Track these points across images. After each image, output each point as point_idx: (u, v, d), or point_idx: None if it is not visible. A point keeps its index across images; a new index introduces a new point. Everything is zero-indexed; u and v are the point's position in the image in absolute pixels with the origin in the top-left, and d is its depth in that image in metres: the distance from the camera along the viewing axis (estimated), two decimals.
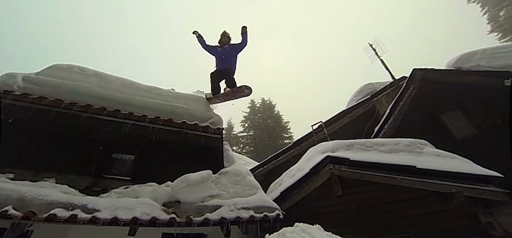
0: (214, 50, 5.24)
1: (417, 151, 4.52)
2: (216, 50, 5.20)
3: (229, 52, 5.10)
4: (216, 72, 5.20)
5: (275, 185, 5.24)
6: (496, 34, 20.00)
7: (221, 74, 5.15)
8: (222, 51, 5.13)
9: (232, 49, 5.12)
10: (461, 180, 3.79)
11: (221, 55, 5.13)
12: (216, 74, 5.19)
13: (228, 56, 5.09)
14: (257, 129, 28.17)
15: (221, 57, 5.11)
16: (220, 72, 5.16)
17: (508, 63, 6.97)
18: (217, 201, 3.80)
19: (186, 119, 4.70)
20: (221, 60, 5.11)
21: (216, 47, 5.23)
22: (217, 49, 5.20)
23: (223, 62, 5.10)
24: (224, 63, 5.09)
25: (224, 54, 5.10)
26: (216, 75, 5.20)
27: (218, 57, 5.18)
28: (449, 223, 3.74)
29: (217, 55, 5.21)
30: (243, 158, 13.05)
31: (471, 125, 7.03)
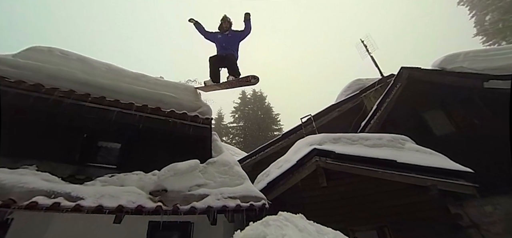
0: (214, 37, 4.85)
1: (398, 146, 4.73)
2: (216, 37, 4.81)
3: (230, 40, 4.70)
4: (217, 57, 4.77)
5: (262, 175, 5.35)
6: (481, 37, 20.80)
7: (222, 61, 4.72)
8: (223, 38, 4.73)
9: (234, 36, 4.72)
10: (436, 174, 4.04)
11: (221, 43, 4.73)
12: (216, 59, 4.75)
13: (229, 43, 4.69)
14: (247, 120, 28.23)
15: (222, 45, 4.71)
16: (221, 58, 4.73)
17: (489, 66, 7.32)
18: (204, 190, 3.85)
19: (174, 107, 4.65)
20: (222, 48, 4.73)
21: (216, 34, 4.83)
22: (217, 36, 4.81)
23: (224, 49, 4.74)
24: (226, 50, 4.72)
25: (225, 41, 4.70)
26: (216, 61, 4.75)
27: (219, 45, 4.79)
28: (423, 213, 4.01)
29: (217, 42, 4.83)
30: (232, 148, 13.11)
31: (451, 124, 7.38)
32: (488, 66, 7.33)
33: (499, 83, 6.84)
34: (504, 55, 7.58)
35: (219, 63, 4.76)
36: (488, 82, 6.98)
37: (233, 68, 4.62)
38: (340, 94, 11.35)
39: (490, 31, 20.03)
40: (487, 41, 20.32)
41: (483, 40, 20.64)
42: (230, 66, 4.64)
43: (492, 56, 7.69)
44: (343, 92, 11.16)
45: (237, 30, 4.73)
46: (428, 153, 4.61)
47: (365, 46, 14.17)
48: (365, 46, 14.17)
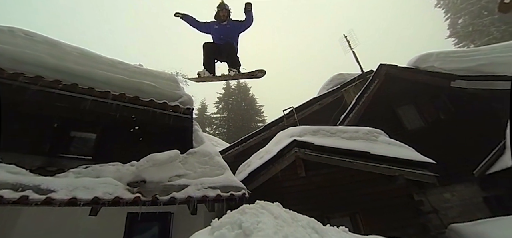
0: (208, 28, 4.20)
1: (372, 139, 5.04)
2: (212, 28, 4.16)
3: (229, 31, 4.09)
4: (213, 46, 4.13)
5: (244, 166, 5.43)
6: (453, 39, 22.26)
7: (219, 51, 4.11)
8: (220, 29, 4.11)
9: (233, 28, 4.12)
10: (404, 165, 4.39)
11: (218, 34, 4.12)
12: (212, 48, 4.10)
13: (228, 35, 4.10)
14: (231, 111, 28.07)
15: (219, 37, 4.10)
16: (218, 48, 4.10)
17: (456, 67, 7.94)
18: (184, 180, 3.85)
19: (154, 97, 4.51)
20: (219, 39, 4.13)
21: (212, 24, 4.19)
22: (212, 26, 4.16)
23: (219, 40, 4.15)
24: (224, 41, 4.14)
25: (222, 32, 4.09)
26: (211, 50, 4.09)
27: (215, 37, 4.17)
28: (391, 200, 4.37)
29: (213, 33, 4.19)
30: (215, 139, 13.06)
31: (421, 118, 7.96)
32: (456, 67, 7.96)
33: (463, 83, 7.50)
34: (471, 57, 8.25)
35: (216, 53, 4.10)
36: (454, 81, 7.61)
37: (234, 60, 4.04)
38: (322, 87, 11.68)
39: (461, 34, 21.51)
40: (458, 43, 21.82)
41: (455, 42, 22.14)
42: (230, 58, 4.05)
43: (460, 57, 8.34)
44: (325, 86, 11.50)
45: (237, 21, 4.17)
46: (398, 146, 4.96)
47: (348, 42, 14.55)
48: (348, 42, 14.55)
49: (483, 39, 19.14)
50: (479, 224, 4.03)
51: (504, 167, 4.77)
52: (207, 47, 4.08)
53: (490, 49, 9.00)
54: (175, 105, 4.54)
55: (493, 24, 18.84)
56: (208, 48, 4.08)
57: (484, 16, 19.53)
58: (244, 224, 1.69)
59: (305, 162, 4.66)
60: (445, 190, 6.00)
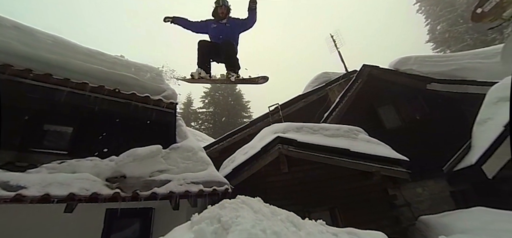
0: (205, 27, 3.78)
1: (353, 137, 5.25)
2: (209, 27, 3.74)
3: (228, 31, 3.70)
4: (209, 45, 3.73)
5: (228, 161, 5.46)
6: (432, 44, 23.56)
7: (216, 51, 3.71)
8: (219, 28, 3.70)
9: (234, 27, 3.72)
10: (380, 162, 4.65)
11: (217, 34, 3.71)
12: (208, 47, 3.70)
13: (227, 35, 3.70)
14: (217, 106, 27.81)
15: (218, 37, 3.71)
16: (215, 48, 3.70)
17: (432, 71, 8.47)
18: (166, 175, 3.80)
19: (136, 90, 4.38)
20: (218, 39, 3.73)
21: (209, 22, 3.76)
22: (210, 25, 3.74)
23: (218, 41, 3.75)
24: (222, 40, 3.73)
25: (221, 32, 3.69)
26: (208, 49, 3.69)
27: (214, 37, 3.76)
28: (368, 195, 4.62)
29: (211, 33, 3.77)
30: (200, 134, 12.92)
31: (399, 118, 8.40)
32: (432, 71, 8.50)
33: (438, 86, 8.04)
34: (445, 62, 8.83)
35: (212, 53, 3.71)
36: (430, 84, 8.14)
37: (233, 62, 3.63)
38: (307, 85, 11.91)
39: (439, 40, 22.79)
40: (436, 48, 23.13)
41: (433, 47, 23.44)
42: (229, 60, 3.64)
43: (435, 62, 8.90)
44: (311, 84, 11.74)
45: (238, 19, 3.76)
46: (376, 144, 5.22)
47: (334, 41, 14.91)
48: (334, 41, 14.91)
49: (458, 45, 20.41)
50: (445, 215, 4.38)
51: (469, 164, 5.18)
52: (203, 46, 3.64)
53: (462, 55, 9.69)
54: (158, 99, 4.44)
55: (467, 32, 20.11)
56: (205, 47, 3.66)
57: (460, 24, 20.79)
58: (223, 218, 1.72)
59: (288, 158, 4.77)
60: (418, 185, 6.42)
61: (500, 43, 11.74)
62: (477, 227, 3.52)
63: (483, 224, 3.54)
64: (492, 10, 5.97)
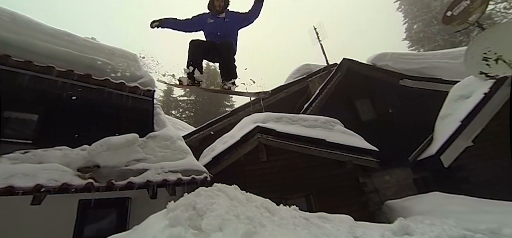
0: (200, 23, 3.22)
1: (329, 128, 5.51)
2: (205, 22, 3.18)
3: (227, 26, 3.16)
4: (204, 44, 3.21)
5: (208, 150, 5.47)
6: (407, 42, 24.84)
7: (212, 51, 3.19)
8: (217, 24, 3.15)
9: (233, 22, 3.17)
10: (352, 152, 4.96)
11: (214, 30, 3.17)
12: (202, 46, 3.18)
13: (225, 31, 3.16)
14: (199, 94, 27.19)
15: (215, 33, 3.17)
16: (211, 47, 3.17)
17: (405, 68, 9.01)
18: (143, 164, 3.74)
19: (109, 76, 4.15)
20: (215, 36, 3.19)
21: (204, 17, 3.19)
22: (205, 20, 3.18)
23: (216, 38, 3.21)
24: (218, 39, 3.19)
25: (219, 28, 3.15)
26: (202, 49, 3.17)
27: (210, 34, 3.22)
28: (340, 182, 4.93)
29: (207, 30, 3.23)
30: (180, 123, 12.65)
31: (373, 111, 8.90)
32: (405, 68, 9.05)
33: (409, 82, 8.63)
34: (417, 60, 9.42)
35: (207, 53, 3.22)
36: (402, 80, 8.70)
37: (230, 68, 3.08)
38: (289, 76, 12.08)
39: (414, 38, 24.08)
40: (411, 46, 24.46)
41: (409, 45, 24.76)
42: (226, 65, 3.10)
43: (409, 59, 9.47)
44: (292, 75, 11.92)
45: (238, 13, 3.20)
46: (350, 135, 5.53)
47: (317, 34, 15.09)
48: (317, 34, 15.09)
49: (430, 45, 21.76)
50: (406, 200, 4.85)
51: (429, 154, 5.72)
52: (196, 45, 3.11)
53: (432, 54, 10.40)
54: (135, 86, 4.26)
55: (439, 33, 21.42)
56: (198, 48, 3.12)
57: (434, 25, 22.05)
58: (198, 205, 1.77)
59: (267, 147, 4.90)
60: (386, 173, 6.96)
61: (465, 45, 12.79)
62: (431, 209, 3.96)
63: (437, 206, 3.99)
64: (460, 14, 6.42)
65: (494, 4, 18.65)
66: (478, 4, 6.20)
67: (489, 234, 2.21)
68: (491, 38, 5.82)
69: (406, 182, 6.79)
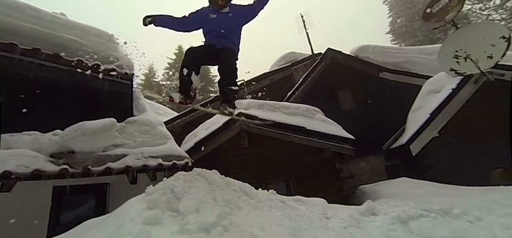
0: (200, 20, 2.77)
1: (310, 116, 5.69)
2: (206, 18, 2.73)
3: (231, 23, 2.73)
4: (204, 50, 2.76)
5: (190, 136, 5.45)
6: (390, 36, 25.56)
7: (212, 56, 2.74)
8: (220, 20, 2.69)
9: (238, 17, 2.75)
10: (331, 140, 5.20)
11: (216, 27, 2.70)
12: (202, 52, 2.75)
13: (229, 28, 2.72)
14: None
15: (218, 32, 2.70)
16: (212, 52, 2.71)
17: (386, 61, 9.36)
18: (122, 150, 3.66)
19: (82, 56, 3.90)
20: (217, 35, 2.72)
21: (205, 13, 2.74)
22: (207, 16, 2.71)
23: (220, 37, 2.72)
24: (222, 39, 2.71)
25: (223, 25, 2.69)
26: (201, 55, 2.75)
27: (212, 32, 2.75)
28: (318, 169, 5.19)
29: (208, 27, 2.76)
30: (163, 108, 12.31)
31: (354, 101, 9.25)
32: (385, 61, 9.40)
33: (388, 75, 9.02)
34: (396, 54, 9.80)
35: (206, 59, 2.81)
36: (382, 73, 9.07)
37: (231, 76, 2.65)
38: (274, 63, 12.09)
39: (397, 32, 24.85)
40: (394, 40, 25.24)
41: (391, 38, 25.53)
42: (226, 73, 2.66)
43: (389, 53, 9.82)
44: (277, 63, 11.95)
45: (242, 6, 2.79)
46: (330, 123, 5.76)
47: (303, 22, 15.06)
48: (303, 22, 15.06)
49: (411, 40, 22.61)
50: (377, 185, 5.25)
51: (400, 144, 6.16)
52: (193, 55, 2.67)
53: (411, 49, 10.86)
54: (111, 69, 4.05)
55: (420, 29, 22.21)
56: (196, 56, 2.69)
57: (416, 20, 22.75)
58: (176, 188, 1.81)
59: (249, 133, 4.99)
60: (362, 160, 7.40)
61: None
62: (398, 192, 4.34)
63: (403, 190, 4.38)
64: (438, 12, 6.71)
65: (471, 5, 19.70)
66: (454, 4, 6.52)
67: (441, 213, 2.50)
68: (463, 37, 6.22)
69: (379, 168, 7.29)
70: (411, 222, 2.35)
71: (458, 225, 2.12)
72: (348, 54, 9.84)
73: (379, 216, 2.62)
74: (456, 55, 6.28)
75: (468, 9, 19.45)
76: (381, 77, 9.14)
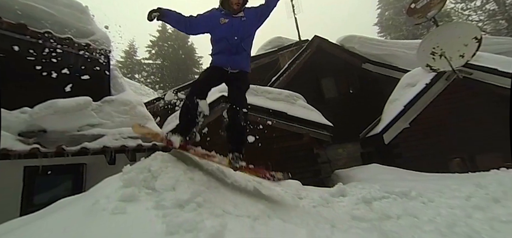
0: (211, 25, 2.38)
1: (291, 102, 5.83)
2: (217, 24, 2.33)
3: (245, 28, 2.36)
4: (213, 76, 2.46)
5: (172, 117, 5.38)
6: (377, 28, 26.01)
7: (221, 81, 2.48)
8: (233, 25, 2.31)
9: (252, 20, 2.39)
10: (310, 126, 5.41)
11: (229, 34, 2.31)
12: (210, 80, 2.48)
13: (243, 35, 2.36)
14: (166, 59, 25.37)
15: (230, 39, 2.31)
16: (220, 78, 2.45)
17: (369, 52, 9.60)
18: (99, 130, 3.57)
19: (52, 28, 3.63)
20: (229, 42, 2.32)
21: (215, 16, 2.35)
22: (218, 21, 2.32)
23: (230, 49, 2.33)
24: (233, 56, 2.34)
25: (236, 32, 2.31)
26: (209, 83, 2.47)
27: (222, 39, 2.35)
28: (297, 153, 5.42)
29: (219, 34, 2.37)
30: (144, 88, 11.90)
31: (336, 90, 9.52)
32: (369, 52, 9.65)
33: (370, 66, 9.32)
34: (379, 46, 10.07)
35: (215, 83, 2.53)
36: (365, 64, 9.34)
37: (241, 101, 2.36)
38: (260, 48, 11.99)
39: (384, 25, 25.35)
40: (380, 32, 25.82)
41: (378, 31, 26.06)
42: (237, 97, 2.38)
43: (373, 44, 10.06)
44: (264, 47, 11.86)
45: (254, 8, 2.42)
46: (310, 110, 5.95)
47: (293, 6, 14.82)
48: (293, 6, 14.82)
49: (396, 33, 23.24)
50: (351, 170, 5.62)
51: (375, 133, 6.55)
52: (203, 87, 2.38)
53: (394, 43, 11.20)
54: (86, 43, 3.81)
55: (405, 23, 22.82)
56: (204, 88, 2.39)
57: (402, 14, 23.21)
58: (153, 168, 1.84)
59: None
60: (340, 146, 7.80)
61: None
62: (369, 177, 4.69)
63: (372, 175, 4.74)
64: (421, 8, 6.98)
65: (454, 3, 20.45)
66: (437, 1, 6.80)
67: (400, 195, 2.78)
68: (441, 35, 6.58)
69: (355, 155, 7.74)
70: (374, 202, 2.59)
71: (412, 205, 2.39)
72: (334, 43, 9.97)
73: (347, 197, 2.86)
74: (433, 52, 6.67)
75: (451, 7, 20.21)
76: (364, 68, 9.43)
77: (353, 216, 2.06)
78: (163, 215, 1.34)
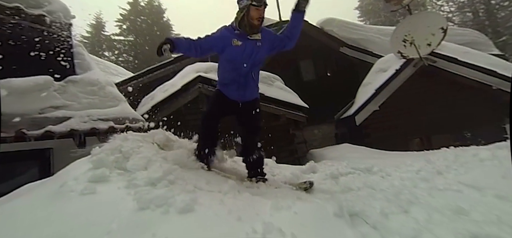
0: (221, 45, 2.16)
1: (269, 83, 5.90)
2: (228, 44, 2.11)
3: (259, 54, 2.16)
4: (222, 109, 2.37)
5: (147, 99, 5.20)
6: (358, 12, 26.33)
7: (230, 113, 2.41)
8: (246, 49, 2.09)
9: (265, 46, 2.16)
10: (286, 107, 5.58)
11: (240, 59, 2.11)
12: (218, 114, 2.39)
13: (254, 61, 2.15)
14: (140, 35, 23.59)
15: (241, 63, 2.12)
16: (230, 111, 2.38)
17: (347, 36, 9.82)
18: (64, 112, 3.34)
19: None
20: (239, 67, 2.13)
21: (227, 36, 2.13)
22: (229, 42, 2.10)
23: (238, 79, 2.16)
24: (243, 88, 2.20)
25: (249, 56, 2.11)
26: (218, 118, 2.38)
27: (232, 61, 2.15)
28: (274, 134, 5.56)
29: (229, 56, 2.17)
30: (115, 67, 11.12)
31: (314, 72, 9.74)
32: (346, 36, 9.89)
33: (347, 50, 9.58)
34: (357, 31, 10.35)
35: (224, 115, 2.41)
36: (342, 48, 9.58)
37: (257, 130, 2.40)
38: None
39: (364, 10, 25.72)
40: (360, 17, 26.21)
41: (358, 15, 26.44)
42: (251, 128, 2.37)
43: (350, 29, 10.30)
44: None
45: (272, 34, 2.28)
46: (287, 91, 6.10)
47: None
48: None
49: (375, 19, 23.82)
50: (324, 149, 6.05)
51: (348, 114, 6.97)
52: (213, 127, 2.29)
53: (370, 28, 11.56)
54: (39, 14, 3.42)
55: (383, 9, 23.35)
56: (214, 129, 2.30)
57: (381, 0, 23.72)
58: (124, 148, 1.82)
59: (208, 97, 4.99)
60: (315, 127, 8.18)
61: None
62: (339, 155, 5.05)
63: (343, 154, 5.11)
64: None
65: None
66: None
67: (364, 170, 3.07)
68: (412, 23, 6.96)
69: (329, 135, 8.19)
70: (340, 177, 2.85)
71: (372, 179, 2.67)
72: (314, 25, 10.02)
73: (317, 174, 3.10)
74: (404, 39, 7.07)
75: None
76: (341, 52, 9.69)
77: (319, 189, 2.25)
78: (135, 193, 1.36)
